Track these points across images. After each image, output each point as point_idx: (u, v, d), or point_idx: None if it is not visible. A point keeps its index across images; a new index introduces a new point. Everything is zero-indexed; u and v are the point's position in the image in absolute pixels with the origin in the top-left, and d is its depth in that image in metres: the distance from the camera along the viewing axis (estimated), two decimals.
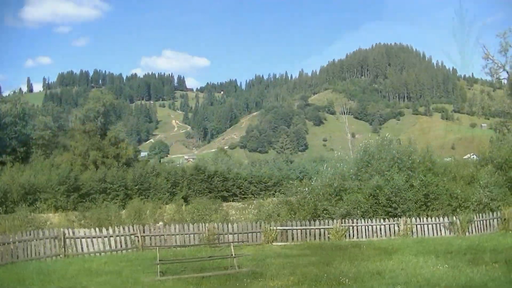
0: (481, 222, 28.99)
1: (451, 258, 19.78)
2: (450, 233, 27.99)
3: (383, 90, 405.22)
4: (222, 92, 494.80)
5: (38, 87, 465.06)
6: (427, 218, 28.17)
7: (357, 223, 27.39)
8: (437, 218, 28.29)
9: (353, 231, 27.36)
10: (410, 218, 27.89)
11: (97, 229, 25.16)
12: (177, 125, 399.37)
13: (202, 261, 20.07)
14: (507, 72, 55.08)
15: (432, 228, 28.05)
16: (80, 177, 64.07)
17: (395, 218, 27.94)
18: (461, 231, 27.84)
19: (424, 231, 27.87)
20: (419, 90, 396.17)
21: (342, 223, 27.18)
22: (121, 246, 24.90)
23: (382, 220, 27.77)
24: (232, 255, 19.29)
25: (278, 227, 26.79)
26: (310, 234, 26.99)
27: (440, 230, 28.11)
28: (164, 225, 27.61)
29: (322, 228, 27.04)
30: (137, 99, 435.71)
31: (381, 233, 27.54)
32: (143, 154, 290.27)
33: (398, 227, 27.50)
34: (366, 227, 27.48)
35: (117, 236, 24.96)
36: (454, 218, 28.17)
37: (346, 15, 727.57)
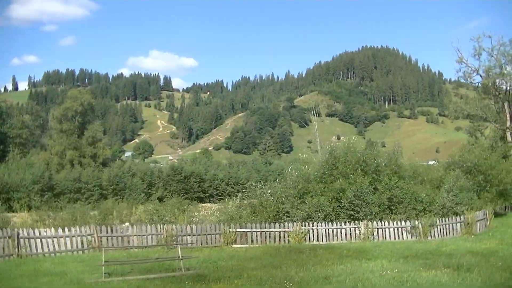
0: (444, 226, 28.84)
1: (404, 263, 19.67)
2: (412, 237, 27.74)
3: (369, 93, 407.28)
4: (208, 93, 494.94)
5: (24, 86, 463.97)
6: (389, 222, 27.90)
7: (317, 226, 27.11)
8: (399, 222, 28.02)
9: (313, 234, 27.05)
10: (371, 221, 27.66)
11: (52, 229, 24.75)
12: (162, 125, 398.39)
13: (153, 263, 19.86)
14: (481, 76, 55.31)
15: (394, 232, 27.79)
16: (55, 177, 63.62)
17: (357, 222, 27.71)
18: (423, 235, 27.64)
19: (385, 235, 27.62)
20: (404, 93, 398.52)
21: (302, 226, 26.94)
22: (77, 246, 24.51)
23: (343, 224, 27.52)
24: (179, 257, 19.07)
25: (237, 229, 26.54)
26: (270, 236, 26.70)
27: (402, 234, 27.86)
28: (132, 225, 27.29)
29: (282, 231, 26.75)
30: (123, 98, 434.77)
31: (341, 237, 27.26)
32: (127, 154, 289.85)
33: (359, 230, 27.28)
34: (327, 230, 27.18)
35: (73, 236, 24.58)
36: (416, 222, 27.93)
37: (333, 17, 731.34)
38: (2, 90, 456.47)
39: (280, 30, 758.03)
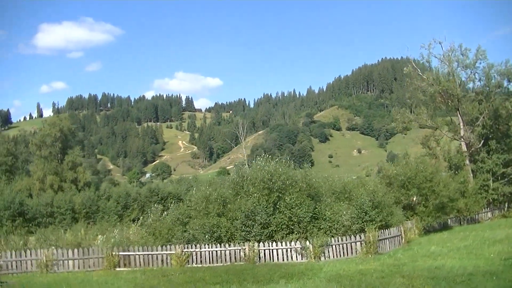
0: (341, 246, 27.53)
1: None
2: (302, 259, 26.77)
3: (389, 105, 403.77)
4: (230, 112, 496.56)
5: (49, 112, 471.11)
6: (277, 243, 27.04)
7: (200, 248, 26.57)
8: (288, 242, 27.07)
9: (196, 257, 26.55)
10: (258, 242, 26.97)
11: None
12: (183, 146, 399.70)
13: None
14: (432, 84, 54.18)
15: (283, 253, 26.82)
16: (26, 202, 63.90)
17: (246, 243, 27.00)
18: (313, 256, 26.62)
19: (273, 257, 26.71)
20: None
21: (185, 248, 26.50)
22: None
23: (227, 245, 26.85)
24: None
25: (120, 253, 26.25)
26: (153, 259, 26.43)
27: (292, 256, 26.83)
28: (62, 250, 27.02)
29: (164, 254, 26.39)
30: (145, 121, 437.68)
31: (225, 259, 26.60)
32: (147, 175, 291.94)
33: (244, 252, 26.67)
34: (210, 252, 26.56)
35: None
36: (307, 242, 26.89)
37: (353, 31, 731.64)
38: (28, 117, 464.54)
39: (302, 46, 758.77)
